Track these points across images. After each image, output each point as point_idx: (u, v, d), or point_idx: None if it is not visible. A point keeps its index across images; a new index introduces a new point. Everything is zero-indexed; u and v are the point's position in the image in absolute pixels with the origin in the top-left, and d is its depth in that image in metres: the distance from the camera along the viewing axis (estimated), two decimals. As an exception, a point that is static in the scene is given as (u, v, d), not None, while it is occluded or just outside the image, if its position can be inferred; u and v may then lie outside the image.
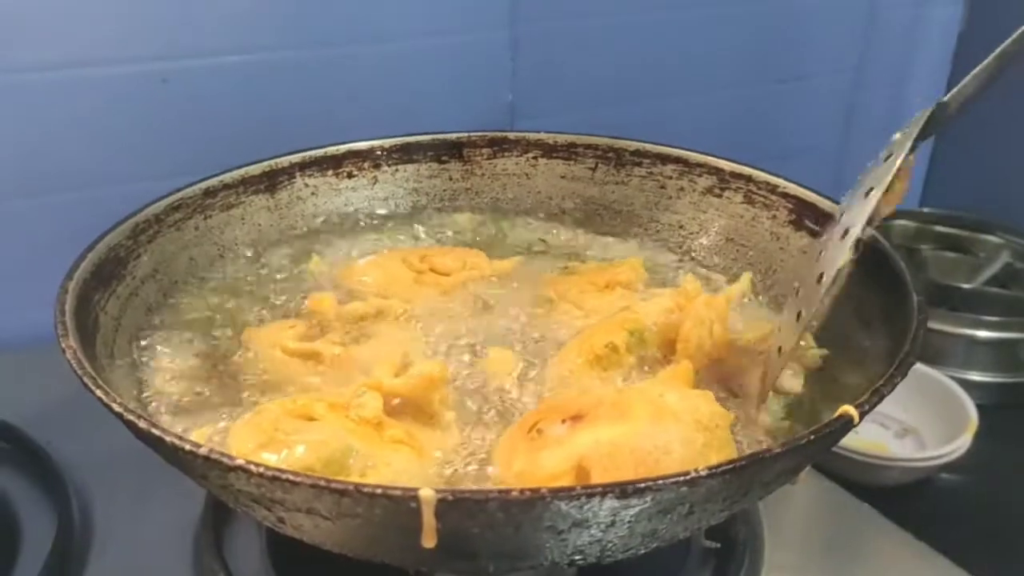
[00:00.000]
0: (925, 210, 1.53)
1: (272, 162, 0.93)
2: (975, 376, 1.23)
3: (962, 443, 1.05)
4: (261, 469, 0.50)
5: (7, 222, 1.09)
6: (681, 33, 1.42)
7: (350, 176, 0.97)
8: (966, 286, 1.33)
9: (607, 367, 0.73)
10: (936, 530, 0.89)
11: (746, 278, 0.86)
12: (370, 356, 0.75)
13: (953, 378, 1.13)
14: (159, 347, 0.76)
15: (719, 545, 0.83)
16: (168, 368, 0.74)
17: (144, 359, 0.75)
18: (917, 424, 1.13)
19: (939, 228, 1.46)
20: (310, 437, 0.61)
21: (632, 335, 0.74)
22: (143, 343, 0.76)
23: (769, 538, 0.85)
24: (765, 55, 1.51)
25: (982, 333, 1.25)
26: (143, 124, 1.10)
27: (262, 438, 0.61)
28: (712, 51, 1.46)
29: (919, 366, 1.14)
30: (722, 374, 0.74)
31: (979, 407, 1.08)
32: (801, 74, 1.56)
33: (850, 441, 1.07)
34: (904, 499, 1.01)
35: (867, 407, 0.56)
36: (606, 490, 0.49)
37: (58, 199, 1.10)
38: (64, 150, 1.08)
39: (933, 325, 1.23)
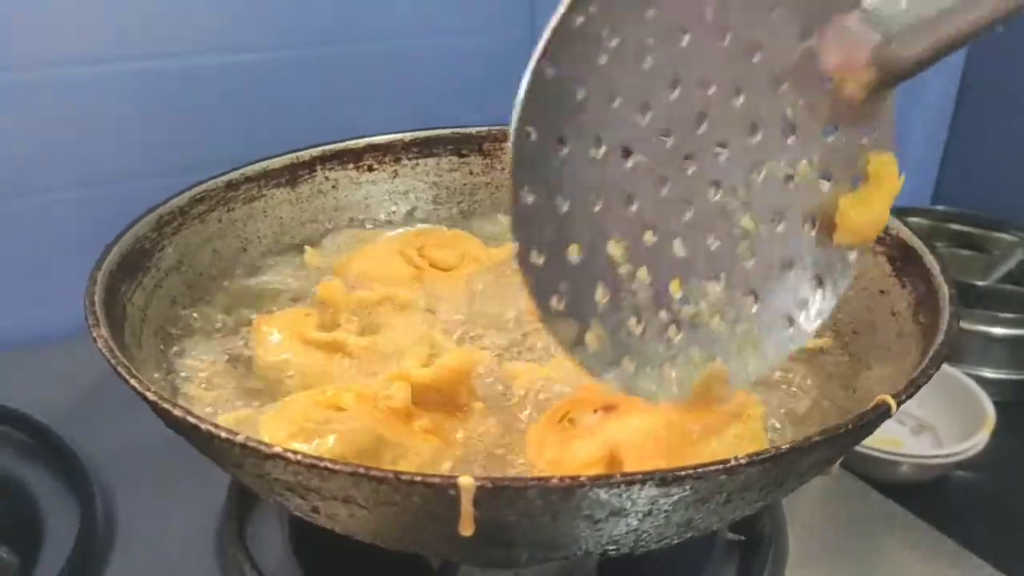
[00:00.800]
0: (939, 208, 1.53)
1: (293, 155, 0.92)
2: (990, 373, 1.23)
3: (979, 440, 1.05)
4: (299, 457, 0.50)
5: (23, 219, 1.09)
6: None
7: (370, 169, 0.97)
8: (981, 283, 1.32)
9: None
10: (953, 528, 0.89)
11: None
12: (393, 346, 0.75)
13: (969, 375, 1.13)
14: (184, 339, 0.76)
15: (743, 538, 0.83)
16: (194, 360, 0.74)
17: (170, 350, 0.75)
18: (934, 421, 1.13)
19: (953, 226, 1.45)
20: (341, 427, 0.61)
21: None
22: (169, 334, 0.76)
23: (792, 531, 0.85)
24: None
25: (997, 330, 1.24)
26: (154, 122, 1.10)
27: (292, 428, 0.61)
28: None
29: (935, 364, 1.14)
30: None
31: (995, 403, 1.07)
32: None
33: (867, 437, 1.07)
34: (920, 496, 1.00)
35: (904, 397, 0.56)
36: (646, 478, 0.48)
37: (70, 196, 1.10)
38: (75, 148, 1.09)
39: None
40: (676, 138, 0.52)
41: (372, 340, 0.75)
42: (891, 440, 1.10)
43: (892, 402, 0.55)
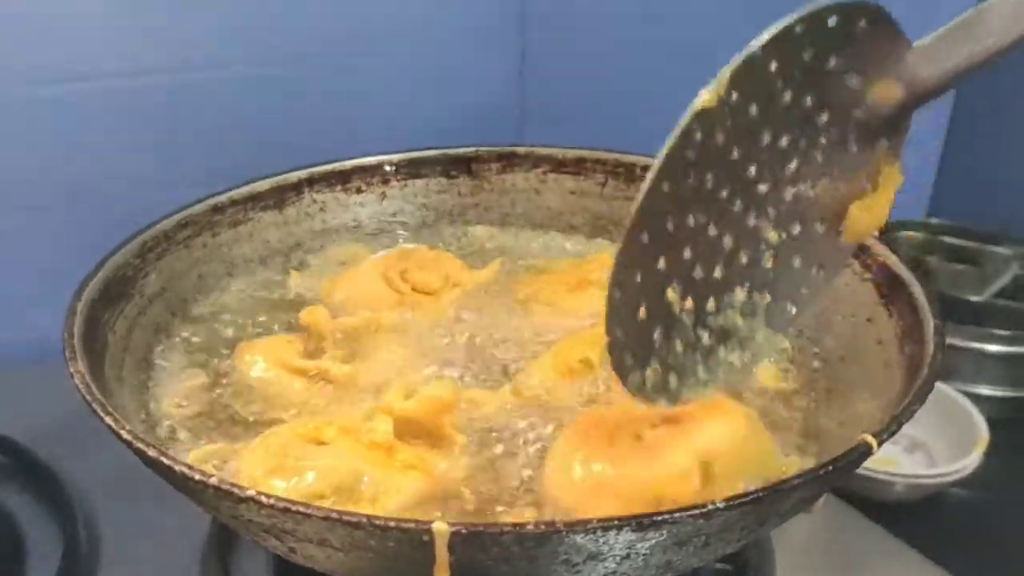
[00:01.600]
0: (932, 220, 1.51)
1: (280, 178, 0.92)
2: (985, 390, 1.22)
3: (973, 460, 1.04)
4: (272, 500, 0.49)
5: (13, 236, 1.09)
6: (693, 46, 1.40)
7: (358, 191, 0.96)
8: (975, 299, 1.31)
9: (578, 379, 0.74)
10: (946, 548, 0.89)
11: None
12: (376, 374, 0.75)
13: (962, 392, 1.12)
14: (167, 367, 0.76)
15: (730, 567, 0.82)
16: (176, 389, 0.74)
17: (152, 379, 0.74)
18: (926, 439, 1.12)
19: (947, 239, 1.44)
20: (320, 463, 0.61)
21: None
22: (151, 363, 0.76)
23: (780, 560, 0.84)
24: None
25: (992, 347, 1.23)
26: (147, 138, 1.10)
27: (272, 463, 0.61)
28: (719, 64, 1.44)
29: (928, 381, 1.13)
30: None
31: (989, 421, 1.06)
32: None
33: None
34: (913, 515, 1.00)
35: (885, 436, 0.56)
36: (623, 523, 0.48)
37: (64, 213, 1.10)
38: (69, 164, 1.08)
39: None
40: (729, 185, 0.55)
41: (355, 368, 0.75)
42: (885, 459, 1.09)
43: (873, 441, 0.55)
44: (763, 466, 0.63)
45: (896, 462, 1.10)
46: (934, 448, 1.11)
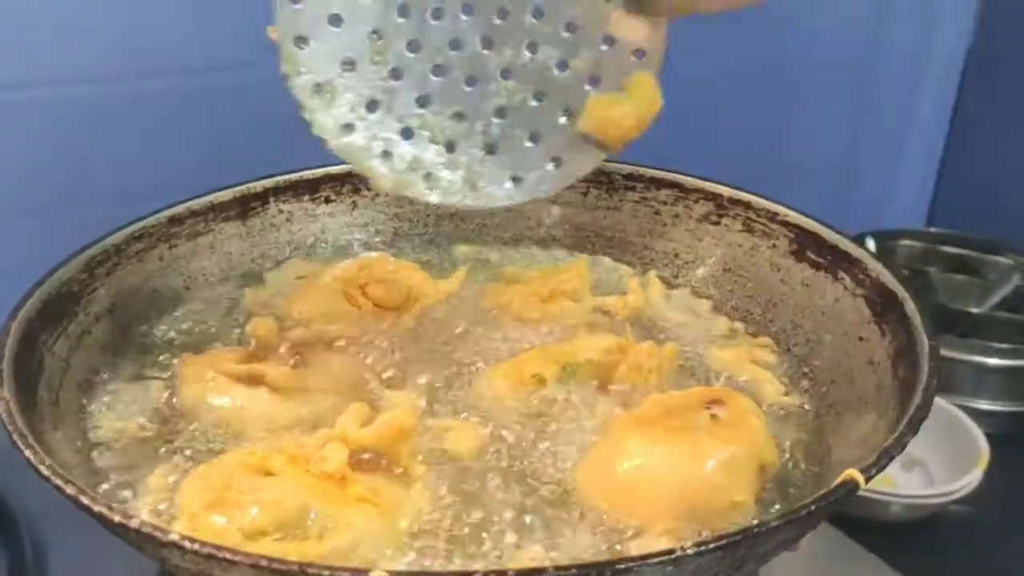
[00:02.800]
0: (932, 230, 1.49)
1: (244, 187, 0.88)
2: (985, 405, 1.19)
3: (972, 478, 1.01)
4: (196, 546, 0.45)
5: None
6: (679, 51, 1.37)
7: (327, 201, 0.92)
8: (975, 310, 1.28)
9: (529, 393, 0.72)
10: (946, 569, 0.85)
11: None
12: (322, 379, 0.72)
13: (962, 407, 1.09)
14: (111, 388, 0.72)
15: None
16: (118, 413, 0.69)
17: (93, 404, 0.70)
18: (924, 456, 1.09)
19: (947, 249, 1.41)
20: (264, 496, 0.56)
21: (564, 370, 0.73)
22: (94, 385, 0.71)
23: (768, 591, 0.80)
24: (767, 74, 1.46)
25: (992, 360, 1.20)
26: (108, 146, 1.05)
27: (212, 497, 0.56)
28: (711, 70, 1.41)
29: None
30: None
31: (989, 436, 1.03)
32: (803, 94, 1.51)
33: (855, 474, 1.03)
34: (911, 536, 0.96)
35: (874, 471, 0.52)
36: (581, 572, 0.44)
37: (12, 225, 1.05)
38: (24, 173, 1.03)
39: (941, 352, 1.18)
40: None
41: (298, 373, 0.72)
42: (882, 477, 1.05)
43: (860, 478, 0.51)
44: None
45: (893, 480, 1.06)
46: (933, 465, 1.08)
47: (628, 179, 0.91)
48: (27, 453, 0.52)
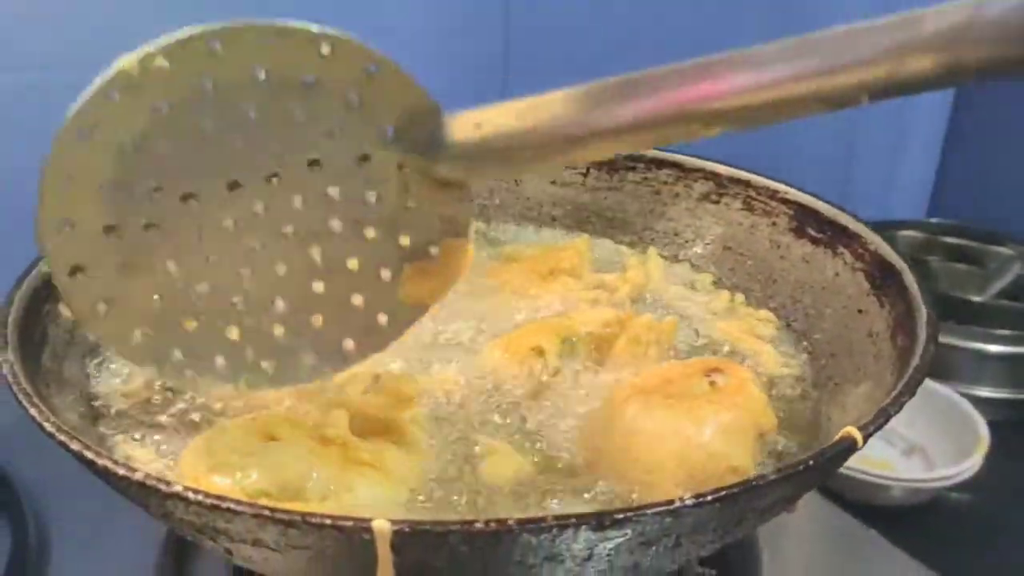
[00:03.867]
0: (933, 220, 1.49)
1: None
2: (985, 392, 1.19)
3: (973, 463, 1.01)
4: (199, 496, 0.45)
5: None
6: (682, 39, 1.37)
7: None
8: (976, 299, 1.29)
9: (528, 366, 0.72)
10: (944, 554, 0.85)
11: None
12: None
13: (962, 394, 1.09)
14: (116, 360, 0.71)
15: (714, 572, 0.78)
16: (123, 384, 0.69)
17: (99, 373, 0.70)
18: (924, 442, 1.09)
19: (947, 239, 1.41)
20: (266, 460, 0.56)
21: (564, 343, 0.73)
22: (99, 356, 0.71)
23: (769, 565, 0.80)
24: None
25: (993, 347, 1.21)
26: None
27: (213, 460, 0.56)
28: (717, 38, 1.41)
29: (927, 382, 1.09)
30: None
31: (990, 424, 1.03)
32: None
33: (853, 459, 1.03)
34: (910, 521, 0.96)
35: (872, 429, 0.52)
36: (580, 521, 0.44)
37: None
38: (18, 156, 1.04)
39: (941, 339, 1.16)
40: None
41: None
42: (881, 462, 1.06)
43: (858, 435, 0.51)
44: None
45: (893, 466, 1.07)
46: (932, 451, 1.08)
47: (629, 159, 0.92)
48: (32, 411, 0.52)
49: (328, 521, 0.44)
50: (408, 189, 0.57)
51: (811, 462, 0.49)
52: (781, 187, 0.83)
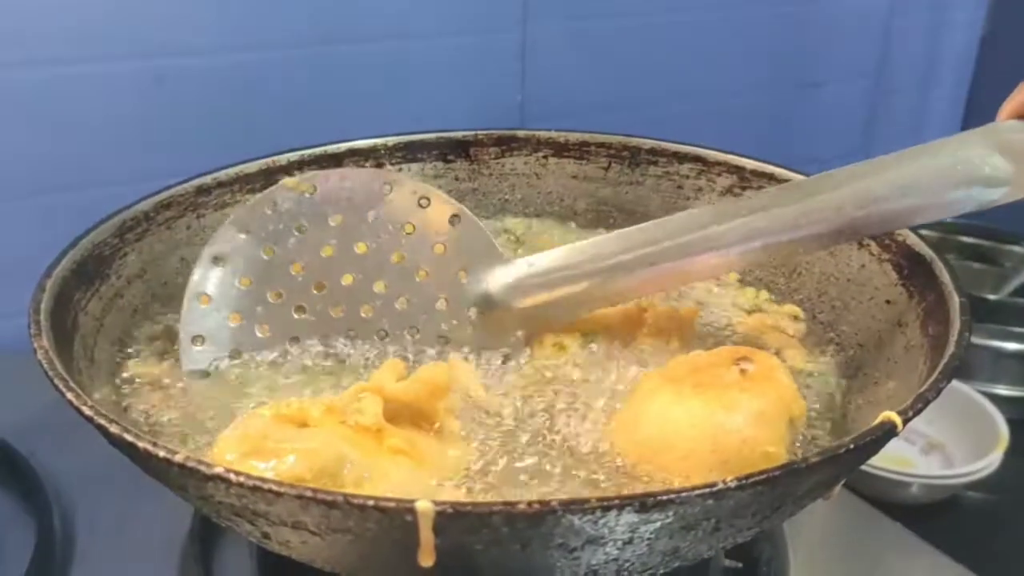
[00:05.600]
0: (948, 220, 1.49)
1: (269, 160, 0.88)
2: (1003, 390, 1.19)
3: (992, 460, 1.01)
4: (242, 478, 0.45)
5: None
6: (697, 37, 1.38)
7: (351, 176, 0.93)
8: (992, 297, 1.29)
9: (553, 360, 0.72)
10: (963, 551, 0.85)
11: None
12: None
13: (981, 392, 1.09)
14: (146, 353, 0.72)
15: (741, 565, 0.78)
16: (154, 376, 0.69)
17: (129, 364, 0.70)
18: (944, 439, 1.09)
19: (963, 238, 1.42)
20: (301, 445, 0.56)
21: (585, 336, 0.74)
22: (128, 346, 0.72)
23: (794, 558, 0.80)
24: (783, 60, 1.47)
25: (1010, 345, 1.21)
26: (134, 124, 1.06)
27: (247, 446, 0.56)
28: (728, 56, 1.42)
29: (945, 380, 1.10)
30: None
31: (1008, 422, 1.04)
32: (820, 80, 1.52)
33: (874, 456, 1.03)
34: (930, 518, 0.96)
35: (911, 413, 0.52)
36: (624, 503, 0.44)
37: (44, 201, 1.06)
38: (51, 151, 1.04)
39: None
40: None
41: None
42: (900, 459, 1.06)
43: (898, 419, 0.51)
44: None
45: (912, 463, 1.07)
46: (951, 449, 1.09)
47: (650, 153, 0.92)
48: (69, 396, 0.52)
49: (371, 502, 0.44)
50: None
51: (852, 445, 0.49)
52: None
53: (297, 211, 0.73)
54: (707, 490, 0.45)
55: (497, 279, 0.70)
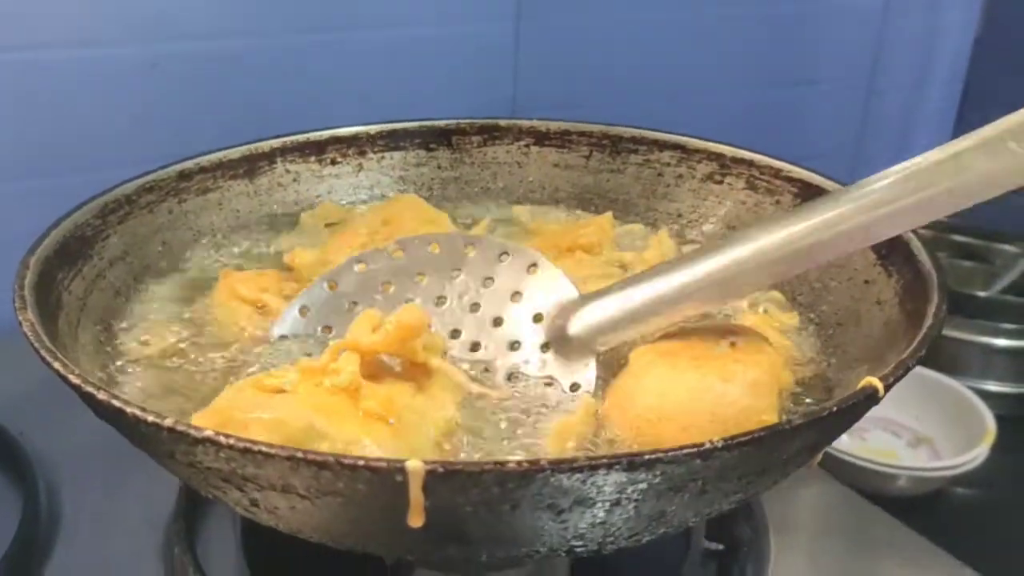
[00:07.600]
0: (940, 218, 1.50)
1: (252, 146, 0.88)
2: (992, 386, 1.21)
3: (978, 453, 1.02)
4: (231, 440, 0.45)
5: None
6: (690, 33, 1.39)
7: (333, 163, 0.93)
8: (982, 294, 1.30)
9: None
10: (950, 542, 0.86)
11: None
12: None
13: (970, 388, 1.10)
14: (129, 332, 0.72)
15: (721, 547, 0.79)
16: (136, 350, 0.69)
17: (111, 342, 0.70)
18: (931, 434, 1.10)
19: (954, 236, 1.44)
20: (267, 415, 0.55)
21: None
22: (110, 325, 0.71)
23: (775, 540, 0.80)
24: (777, 57, 1.48)
25: (999, 341, 1.23)
26: (127, 109, 1.07)
27: (218, 419, 0.55)
28: (722, 52, 1.43)
29: (934, 374, 1.11)
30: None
31: (996, 418, 1.05)
32: (814, 78, 1.52)
33: (860, 449, 1.03)
34: (917, 510, 0.97)
35: (892, 380, 0.52)
36: (612, 462, 0.44)
37: (36, 185, 1.06)
38: (44, 135, 1.05)
39: (949, 333, 1.21)
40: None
41: None
42: (888, 453, 1.07)
43: (879, 384, 0.51)
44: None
45: (899, 457, 1.07)
46: (939, 443, 1.10)
47: (631, 141, 0.93)
48: (56, 365, 0.51)
49: (361, 462, 0.44)
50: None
51: (835, 408, 0.49)
52: (784, 165, 0.84)
53: (386, 270, 0.72)
54: (694, 449, 0.45)
55: (575, 323, 0.67)
